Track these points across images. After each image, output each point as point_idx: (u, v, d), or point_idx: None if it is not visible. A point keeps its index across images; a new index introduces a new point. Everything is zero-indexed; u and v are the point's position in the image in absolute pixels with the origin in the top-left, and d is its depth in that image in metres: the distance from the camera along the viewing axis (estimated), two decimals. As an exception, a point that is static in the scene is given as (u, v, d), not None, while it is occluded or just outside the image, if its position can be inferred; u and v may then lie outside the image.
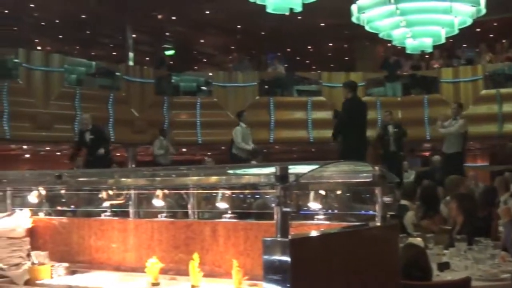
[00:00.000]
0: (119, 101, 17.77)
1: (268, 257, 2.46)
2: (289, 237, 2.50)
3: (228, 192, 3.76)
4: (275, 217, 2.54)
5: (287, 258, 2.42)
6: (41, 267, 3.69)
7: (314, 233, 2.90)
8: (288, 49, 24.36)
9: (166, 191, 3.99)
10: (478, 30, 19.47)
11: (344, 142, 11.35)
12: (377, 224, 3.26)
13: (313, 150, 20.76)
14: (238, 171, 3.32)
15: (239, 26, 21.75)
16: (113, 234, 3.91)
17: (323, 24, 21.01)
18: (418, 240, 5.40)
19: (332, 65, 24.63)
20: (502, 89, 18.10)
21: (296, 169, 2.74)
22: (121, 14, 19.69)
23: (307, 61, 26.97)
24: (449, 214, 7.33)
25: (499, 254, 5.29)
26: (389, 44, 17.56)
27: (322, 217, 3.50)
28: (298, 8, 13.04)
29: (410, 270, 4.11)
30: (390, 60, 20.16)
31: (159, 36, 23.20)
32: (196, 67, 25.66)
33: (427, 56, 20.04)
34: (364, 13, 14.18)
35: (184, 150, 20.47)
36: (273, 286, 2.44)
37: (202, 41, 24.63)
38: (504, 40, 19.81)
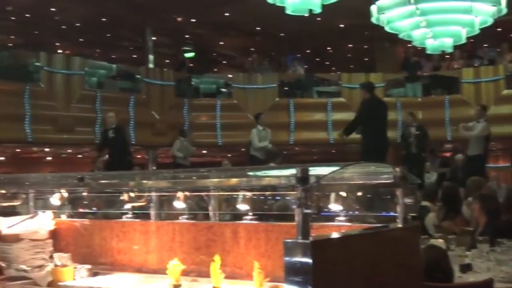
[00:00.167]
0: (139, 103, 17.85)
1: (289, 258, 2.46)
2: (310, 238, 2.49)
3: (248, 193, 3.77)
4: (296, 218, 2.54)
5: (308, 260, 2.42)
6: (64, 269, 3.71)
7: (335, 234, 2.89)
8: (308, 51, 24.34)
9: (187, 193, 4.00)
10: (499, 30, 19.29)
11: (365, 143, 11.31)
12: (399, 225, 3.25)
13: (333, 151, 20.72)
14: (258, 173, 3.32)
15: (258, 28, 21.75)
16: (135, 236, 3.93)
17: (342, 25, 20.95)
18: (440, 242, 5.37)
19: (351, 66, 24.59)
20: (524, 89, 17.97)
21: (316, 170, 2.73)
22: (141, 17, 19.78)
23: (327, 63, 26.92)
24: (472, 215, 7.29)
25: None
26: (409, 45, 17.47)
27: (343, 218, 3.49)
28: (318, 9, 13.01)
29: (431, 271, 4.09)
30: (410, 60, 20.06)
31: (179, 39, 23.26)
32: (216, 69, 25.74)
33: (447, 56, 19.92)
34: (384, 13, 14.12)
35: (204, 152, 20.52)
36: (294, 288, 2.44)
37: (221, 43, 24.66)
38: (525, 40, 19.65)
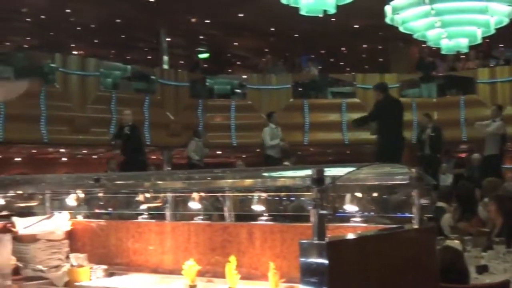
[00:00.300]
0: (154, 104, 17.90)
1: (305, 259, 2.46)
2: (326, 239, 2.49)
3: (263, 194, 3.77)
4: (312, 219, 2.54)
5: (324, 261, 2.42)
6: (80, 269, 3.73)
7: (351, 235, 2.88)
8: (322, 51, 24.31)
9: (202, 194, 4.01)
10: (515, 29, 19.21)
11: (380, 143, 11.29)
12: (414, 226, 3.24)
13: (348, 152, 20.69)
14: (273, 174, 3.32)
15: (272, 29, 21.75)
16: (150, 237, 3.94)
17: (357, 26, 20.91)
18: (456, 243, 5.35)
19: (366, 66, 24.52)
20: (540, 89, 17.87)
21: (332, 171, 2.73)
22: (156, 18, 19.84)
23: (341, 63, 26.88)
24: (488, 216, 7.25)
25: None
26: (424, 45, 17.41)
27: (358, 219, 3.49)
28: (332, 10, 13.00)
29: (446, 273, 4.07)
30: (425, 61, 19.98)
31: (193, 40, 23.31)
32: (230, 70, 25.75)
33: (462, 56, 19.83)
34: (398, 14, 14.08)
35: (218, 152, 20.55)
36: (310, 289, 2.44)
37: (236, 44, 24.69)
38: (542, 40, 19.51)
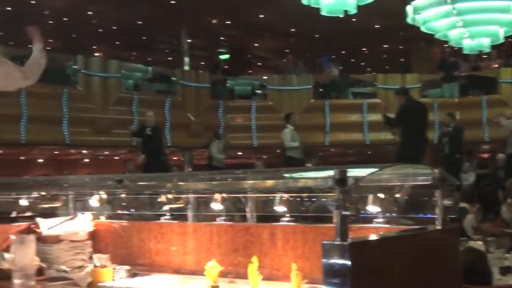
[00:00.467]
0: (175, 105, 17.96)
1: (327, 260, 2.46)
2: (349, 240, 2.49)
3: (285, 195, 3.77)
4: (334, 220, 2.53)
5: (347, 262, 2.41)
6: (103, 269, 3.75)
7: (373, 236, 2.87)
8: (343, 52, 24.25)
9: (224, 195, 4.02)
10: (538, 29, 19.01)
11: (402, 144, 11.24)
12: (438, 227, 3.22)
13: (369, 152, 20.61)
14: (296, 175, 3.32)
15: (293, 29, 21.74)
16: (173, 237, 3.95)
17: (378, 26, 20.84)
18: (479, 244, 5.31)
19: (387, 67, 24.42)
20: None
21: (354, 172, 2.72)
22: (177, 20, 19.90)
23: (362, 63, 26.81)
24: (511, 217, 7.20)
25: None
26: (446, 45, 17.30)
27: (380, 220, 3.47)
28: (353, 10, 12.96)
29: (469, 274, 4.04)
30: (447, 61, 19.86)
31: (214, 41, 23.37)
32: (250, 71, 25.77)
33: (485, 56, 19.68)
34: (419, 13, 14.00)
35: (239, 153, 20.57)
36: (332, 290, 2.43)
37: (256, 45, 24.70)
38: None
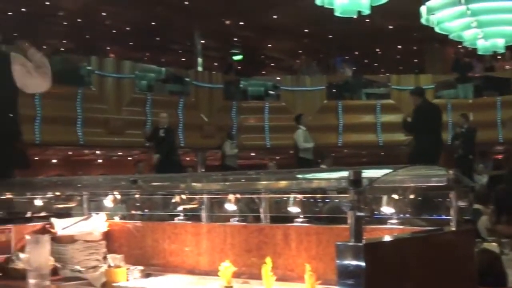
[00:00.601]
0: (188, 106, 18.01)
1: (341, 261, 2.45)
2: (363, 241, 2.48)
3: (299, 196, 3.77)
4: (349, 221, 2.52)
5: (361, 263, 2.41)
6: (117, 270, 3.76)
7: (388, 237, 2.87)
8: (356, 52, 24.23)
9: (238, 196, 4.02)
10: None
11: (417, 146, 11.21)
12: (452, 229, 3.21)
13: (382, 153, 20.57)
14: (310, 176, 3.32)
15: (306, 30, 21.73)
16: (187, 238, 3.96)
17: (391, 27, 20.81)
18: (493, 246, 5.29)
19: (401, 67, 24.37)
20: None
21: (368, 173, 2.72)
22: (190, 21, 19.96)
23: (375, 64, 26.77)
24: (526, 219, 7.17)
25: None
26: (460, 46, 17.24)
27: (394, 221, 3.47)
28: (366, 11, 12.93)
29: (483, 276, 4.03)
30: (461, 61, 19.79)
31: (227, 42, 23.41)
32: (264, 72, 25.79)
33: (499, 57, 19.60)
34: (433, 14, 13.96)
35: (252, 154, 20.58)
36: (347, 291, 2.43)
37: (269, 45, 24.72)
38: None
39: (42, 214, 4.76)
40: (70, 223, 4.18)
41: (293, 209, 3.82)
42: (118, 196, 4.35)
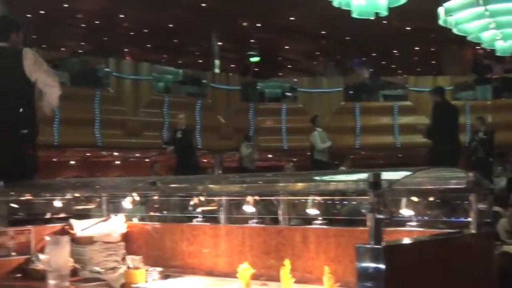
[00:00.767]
0: (206, 108, 18.04)
1: (361, 264, 2.45)
2: (383, 243, 2.48)
3: (318, 198, 3.77)
4: (368, 223, 2.52)
5: (381, 265, 2.40)
6: (136, 271, 3.77)
7: (407, 240, 2.86)
8: (374, 54, 24.14)
9: (257, 197, 4.02)
10: None
11: (435, 148, 11.17)
12: (472, 231, 3.19)
13: (400, 155, 20.48)
14: (329, 178, 3.32)
15: (324, 32, 21.70)
16: (205, 240, 3.96)
17: (409, 28, 20.72)
18: (513, 248, 5.26)
19: (418, 69, 24.26)
20: None
21: (387, 175, 2.71)
22: (207, 23, 19.99)
23: (393, 66, 26.66)
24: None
25: None
26: (478, 47, 17.14)
27: (414, 223, 3.46)
28: (384, 13, 12.87)
29: (503, 279, 4.00)
30: (480, 63, 19.68)
31: (244, 43, 23.42)
32: (281, 73, 25.78)
33: (517, 58, 19.48)
34: (451, 15, 13.88)
35: (269, 156, 20.58)
36: (366, 293, 2.43)
37: (287, 47, 24.70)
38: None
39: (62, 215, 4.79)
40: (89, 225, 4.20)
41: (312, 211, 3.82)
42: (137, 198, 4.37)
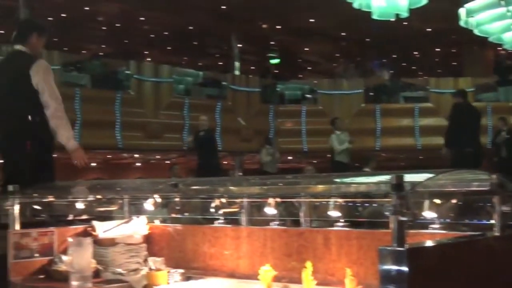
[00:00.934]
0: (226, 110, 18.06)
1: (384, 266, 2.44)
2: (406, 246, 2.46)
3: (340, 200, 3.76)
4: (391, 226, 2.51)
5: (404, 268, 2.39)
6: (158, 273, 3.78)
7: (430, 242, 2.84)
8: (394, 55, 24.05)
9: (278, 199, 4.02)
10: None
11: (457, 149, 11.10)
12: (496, 234, 3.17)
13: (421, 157, 20.37)
14: (351, 180, 3.31)
15: (344, 33, 21.67)
16: (226, 241, 3.96)
17: (429, 29, 20.62)
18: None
19: (439, 70, 24.15)
20: None
21: (410, 177, 2.70)
22: (227, 25, 20.02)
23: (414, 67, 26.56)
24: None
25: None
26: (500, 48, 17.03)
27: (437, 226, 3.43)
28: (404, 14, 12.84)
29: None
30: (502, 64, 19.55)
31: (264, 45, 23.43)
32: (301, 75, 25.77)
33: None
34: (472, 16, 13.81)
35: (290, 158, 20.56)
36: (389, 296, 2.42)
37: (306, 49, 24.68)
38: None
39: (84, 217, 4.81)
40: (111, 226, 4.23)
41: (333, 213, 3.80)
42: (159, 200, 4.38)
